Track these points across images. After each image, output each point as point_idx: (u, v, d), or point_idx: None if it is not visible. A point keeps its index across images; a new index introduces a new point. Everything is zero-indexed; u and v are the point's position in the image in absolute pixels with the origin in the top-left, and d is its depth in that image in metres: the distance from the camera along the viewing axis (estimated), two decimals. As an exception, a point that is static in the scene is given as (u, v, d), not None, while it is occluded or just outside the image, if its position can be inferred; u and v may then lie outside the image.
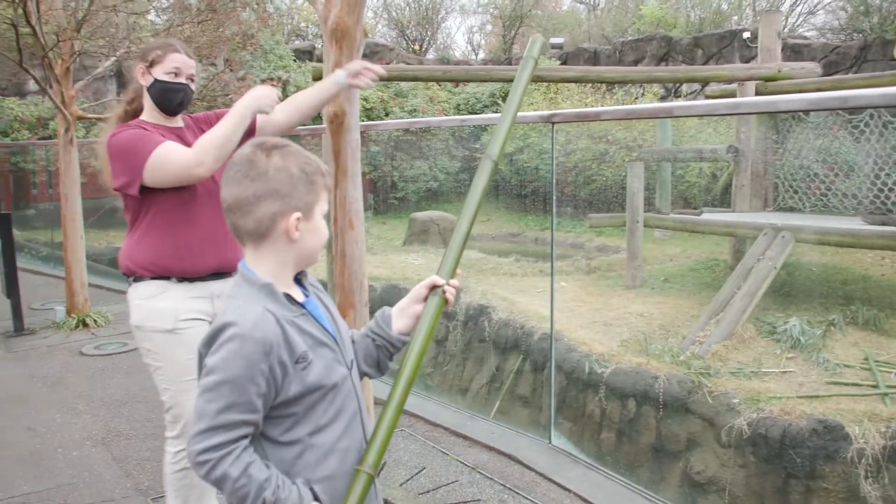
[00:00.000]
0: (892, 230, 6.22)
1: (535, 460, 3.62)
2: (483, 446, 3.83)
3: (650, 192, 9.99)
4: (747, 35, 15.46)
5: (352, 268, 2.58)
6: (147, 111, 2.51)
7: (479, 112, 16.52)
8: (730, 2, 20.37)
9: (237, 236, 1.43)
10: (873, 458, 4.13)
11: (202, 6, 7.09)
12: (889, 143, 7.37)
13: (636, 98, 15.32)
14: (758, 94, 7.87)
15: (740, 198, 8.27)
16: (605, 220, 9.59)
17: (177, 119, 2.56)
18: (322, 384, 1.39)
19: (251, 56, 13.59)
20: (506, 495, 3.29)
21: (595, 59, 17.92)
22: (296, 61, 16.05)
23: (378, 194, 16.00)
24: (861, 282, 7.36)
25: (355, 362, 1.55)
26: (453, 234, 1.67)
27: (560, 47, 19.31)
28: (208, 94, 8.62)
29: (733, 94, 8.46)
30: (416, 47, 24.62)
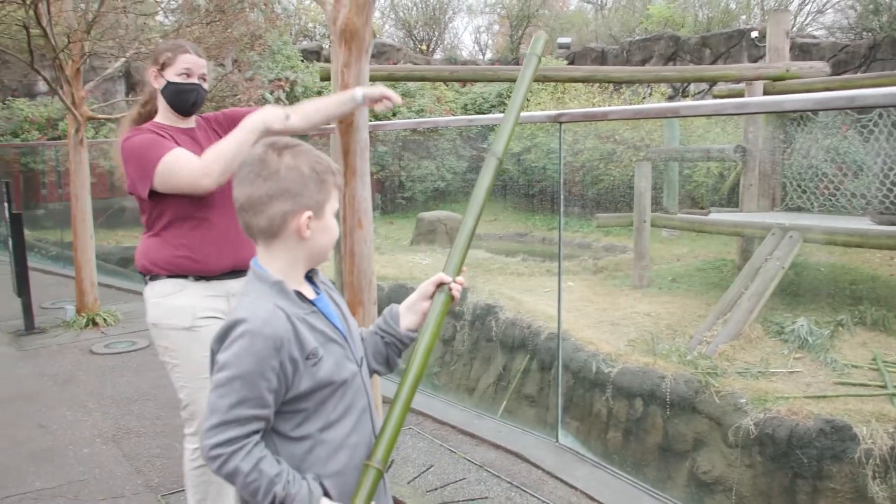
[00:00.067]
0: (901, 230, 6.20)
1: (543, 459, 3.64)
2: (490, 444, 3.84)
3: (658, 192, 9.98)
4: (755, 34, 15.41)
5: (360, 266, 2.60)
6: (161, 113, 2.54)
7: (486, 112, 16.53)
8: (738, 1, 20.30)
9: (249, 235, 1.46)
10: (881, 458, 4.12)
11: (211, 7, 7.12)
12: (898, 142, 7.35)
13: (644, 98, 15.30)
14: (766, 93, 7.85)
15: (748, 197, 8.25)
16: (612, 219, 9.58)
17: (190, 120, 2.58)
18: (332, 380, 1.41)
19: (259, 56, 13.63)
20: (513, 493, 3.31)
21: (602, 58, 17.90)
22: (303, 61, 16.10)
23: (385, 194, 16.03)
24: (869, 282, 7.33)
25: (365, 359, 1.57)
26: (459, 231, 1.69)
27: (567, 47, 19.29)
28: (217, 94, 8.66)
29: (741, 94, 8.44)
30: (424, 47, 24.64)
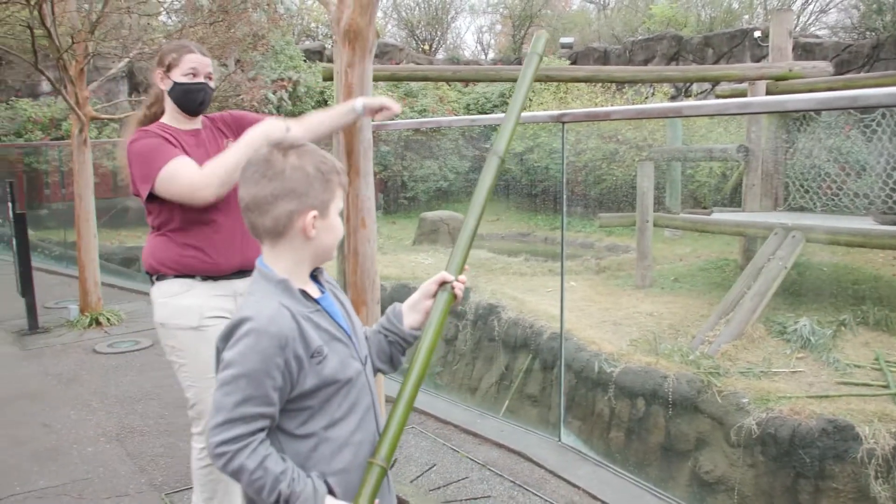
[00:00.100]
0: (904, 230, 6.20)
1: (545, 458, 3.64)
2: (493, 444, 3.85)
3: (660, 192, 9.98)
4: (758, 34, 15.40)
5: (364, 266, 2.61)
6: (168, 114, 2.54)
7: (488, 112, 16.53)
8: (741, 1, 20.29)
9: (255, 234, 1.47)
10: (883, 458, 4.12)
11: (214, 7, 7.14)
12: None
13: (646, 98, 15.30)
14: (769, 93, 7.85)
15: (751, 197, 8.25)
16: (615, 219, 9.59)
17: (195, 120, 2.58)
18: (337, 378, 1.42)
19: (262, 56, 13.66)
20: (516, 492, 3.31)
21: (605, 58, 17.90)
22: (306, 61, 16.13)
23: (388, 194, 16.05)
24: (872, 282, 7.33)
25: (369, 358, 1.58)
26: (461, 230, 1.70)
27: (570, 47, 19.28)
28: (220, 94, 8.68)
29: (744, 94, 8.44)
30: (426, 47, 24.65)
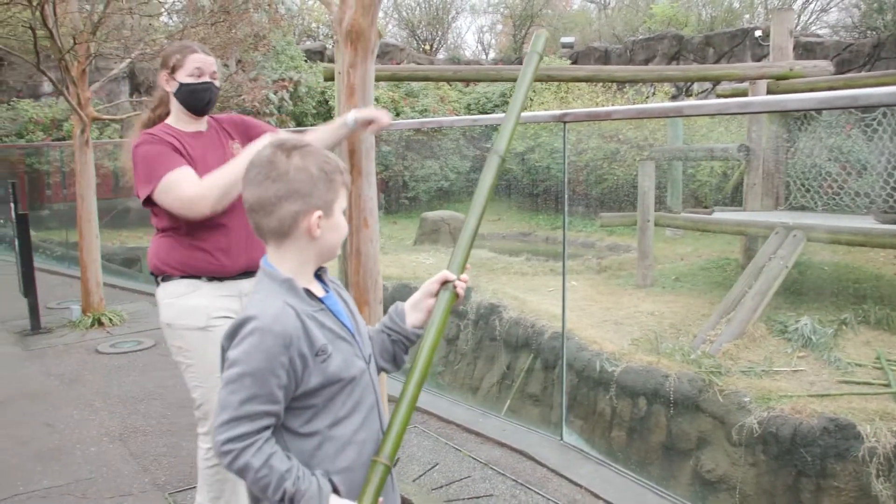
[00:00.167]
0: (905, 229, 6.21)
1: (547, 456, 3.65)
2: (495, 443, 3.86)
3: (661, 191, 9.99)
4: (759, 33, 15.40)
5: (366, 266, 2.62)
6: (174, 115, 2.55)
7: (489, 112, 16.54)
8: (741, 0, 20.29)
9: (260, 235, 1.47)
10: (885, 457, 4.13)
11: (215, 8, 7.15)
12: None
13: (647, 97, 15.30)
14: (769, 92, 7.86)
15: (752, 196, 8.26)
16: (616, 219, 9.60)
17: (201, 122, 2.58)
18: (341, 377, 1.43)
19: (263, 57, 13.68)
20: (518, 490, 3.32)
21: (606, 58, 17.90)
22: (307, 62, 16.14)
23: (389, 194, 16.06)
24: (873, 281, 7.34)
25: (373, 357, 1.59)
26: (462, 229, 1.71)
27: (571, 46, 19.29)
28: (221, 94, 8.70)
29: (745, 93, 8.45)
30: (427, 47, 24.67)
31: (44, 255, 10.89)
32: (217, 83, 2.57)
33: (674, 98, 15.53)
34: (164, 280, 2.49)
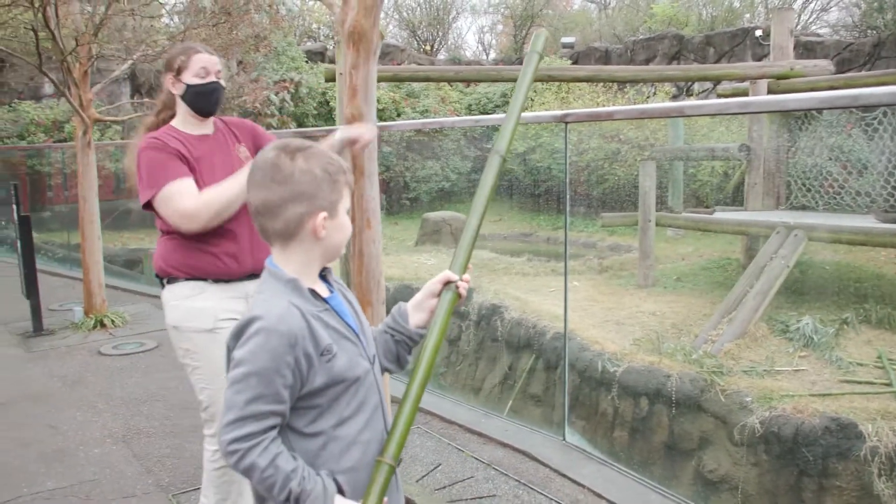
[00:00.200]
0: (906, 228, 6.21)
1: (550, 457, 3.66)
2: (498, 443, 3.86)
3: (662, 191, 9.99)
4: (759, 33, 15.41)
5: (369, 266, 2.62)
6: (180, 117, 2.54)
7: (490, 112, 16.56)
8: (742, 0, 20.30)
9: (265, 237, 1.48)
10: (887, 456, 4.13)
11: (216, 9, 7.16)
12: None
13: (648, 97, 15.31)
14: (770, 92, 7.86)
15: (753, 196, 8.27)
16: (617, 219, 9.60)
17: (207, 124, 2.58)
18: (346, 377, 1.43)
19: (264, 58, 13.69)
20: (521, 491, 3.33)
21: (606, 58, 17.91)
22: (308, 62, 16.16)
23: (390, 195, 16.07)
24: (874, 280, 7.34)
25: (377, 357, 1.59)
26: (464, 230, 1.71)
27: (571, 46, 19.30)
28: (223, 95, 8.69)
29: (746, 93, 8.45)
30: (428, 48, 24.68)
31: (45, 256, 10.89)
32: (223, 82, 2.56)
33: (674, 98, 15.54)
34: (169, 282, 2.48)
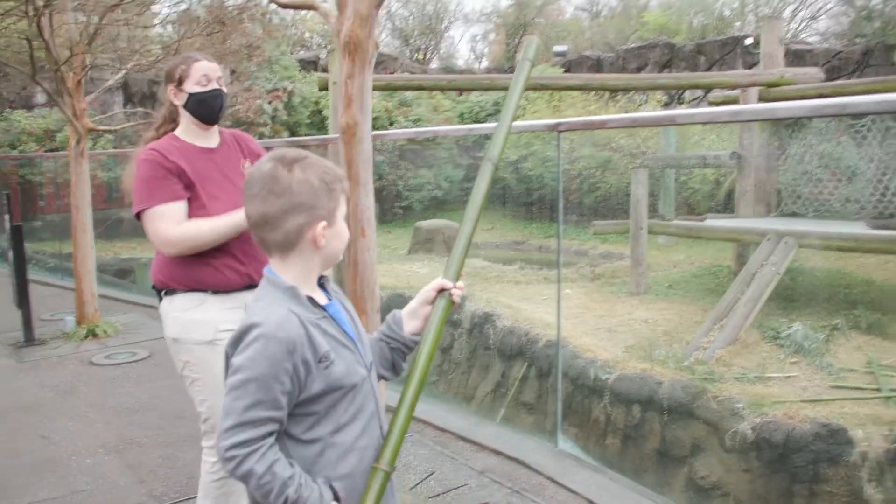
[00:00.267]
0: (894, 234, 6.27)
1: (543, 464, 3.67)
2: (491, 451, 3.87)
3: (654, 199, 10.04)
4: (750, 41, 15.54)
5: (364, 275, 2.64)
6: (183, 127, 2.52)
7: (483, 120, 16.59)
8: (732, 8, 20.47)
9: (265, 249, 1.49)
10: (877, 461, 4.17)
11: (210, 19, 7.17)
12: (892, 147, 7.43)
13: (639, 105, 15.39)
14: (761, 100, 7.93)
15: (744, 203, 8.32)
16: (609, 226, 9.65)
17: (212, 135, 2.57)
18: (343, 384, 1.45)
19: (257, 67, 13.71)
20: (514, 498, 3.33)
21: (598, 66, 18.00)
22: (301, 71, 16.19)
23: (383, 203, 16.07)
24: (864, 286, 7.39)
25: (374, 364, 1.61)
26: (457, 237, 1.73)
27: (563, 55, 19.39)
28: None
29: (736, 101, 8.51)
30: (420, 56, 24.76)
31: (36, 266, 10.84)
32: (225, 89, 2.55)
33: (666, 105, 15.63)
34: (168, 294, 2.48)
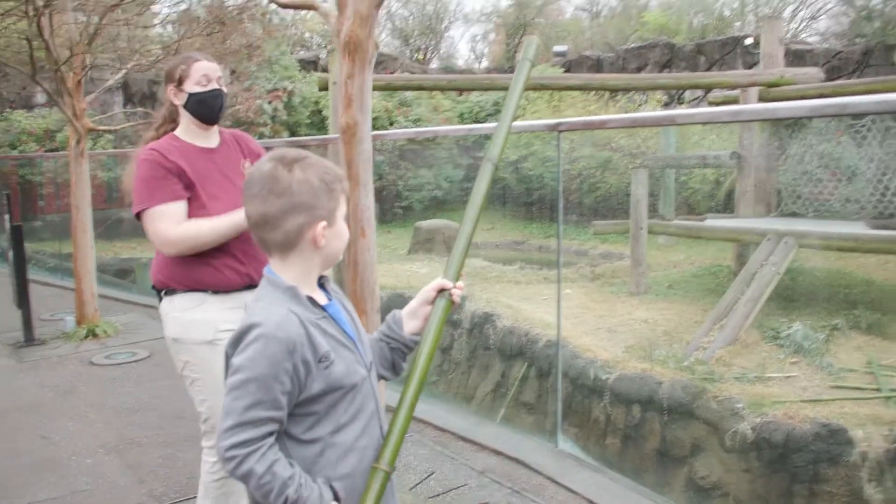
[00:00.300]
0: (894, 234, 6.27)
1: (543, 464, 3.67)
2: (491, 451, 3.87)
3: (654, 199, 10.04)
4: (750, 41, 15.53)
5: (364, 275, 2.64)
6: (183, 127, 2.52)
7: (483, 120, 16.59)
8: (732, 8, 20.48)
9: (265, 249, 1.49)
10: (877, 461, 4.17)
11: (210, 19, 7.17)
12: (892, 147, 7.43)
13: (639, 105, 15.39)
14: (761, 99, 7.93)
15: (744, 203, 8.32)
16: (609, 226, 9.65)
17: (213, 135, 2.57)
18: (343, 384, 1.45)
19: (257, 67, 13.71)
20: (514, 498, 3.33)
21: (598, 66, 18.00)
22: (301, 71, 16.19)
23: (383, 203, 16.07)
24: (864, 286, 7.39)
25: (374, 364, 1.61)
26: (457, 237, 1.73)
27: (564, 55, 19.39)
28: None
29: (736, 101, 8.51)
30: (420, 56, 24.76)
31: (36, 266, 10.84)
32: (225, 89, 2.55)
33: (666, 105, 15.62)
34: (168, 294, 2.47)
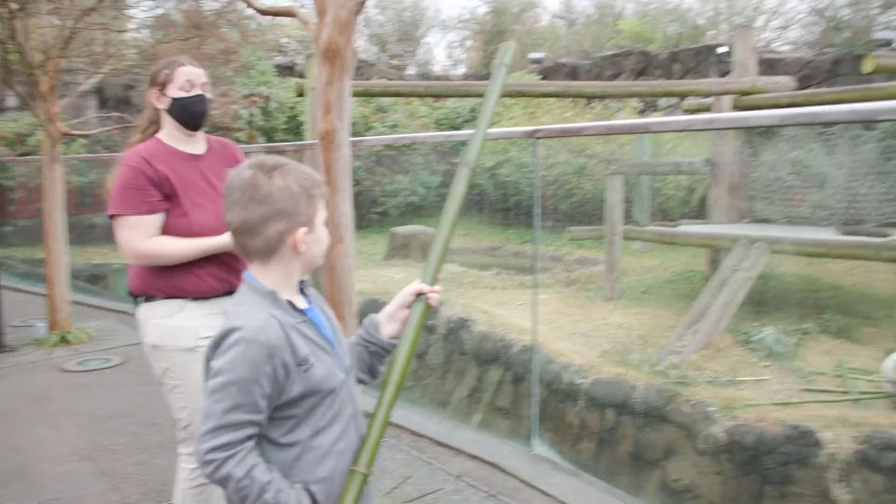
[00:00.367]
0: (863, 240, 6.40)
1: (518, 468, 3.69)
2: (467, 455, 3.89)
3: (629, 205, 10.13)
4: (723, 50, 15.73)
5: (341, 280, 2.65)
6: (167, 132, 2.51)
7: (459, 127, 16.62)
8: (706, 17, 20.75)
9: (245, 255, 1.51)
10: (845, 462, 4.25)
11: (187, 23, 7.13)
12: (860, 155, 7.59)
13: (615, 112, 15.53)
14: (735, 107, 8.04)
15: (717, 210, 8.43)
16: (584, 232, 9.71)
17: (198, 141, 2.55)
18: (322, 388, 1.46)
19: (233, 72, 13.62)
20: (490, 502, 3.36)
21: (574, 73, 18.14)
22: (277, 77, 16.12)
23: (359, 209, 15.98)
24: (833, 291, 7.52)
25: (352, 368, 1.62)
26: (434, 241, 1.75)
27: (540, 62, 19.51)
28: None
29: (710, 108, 8.64)
30: (397, 62, 24.76)
31: (6, 271, 10.66)
32: (209, 95, 2.53)
33: (641, 112, 15.77)
34: (147, 301, 2.46)
